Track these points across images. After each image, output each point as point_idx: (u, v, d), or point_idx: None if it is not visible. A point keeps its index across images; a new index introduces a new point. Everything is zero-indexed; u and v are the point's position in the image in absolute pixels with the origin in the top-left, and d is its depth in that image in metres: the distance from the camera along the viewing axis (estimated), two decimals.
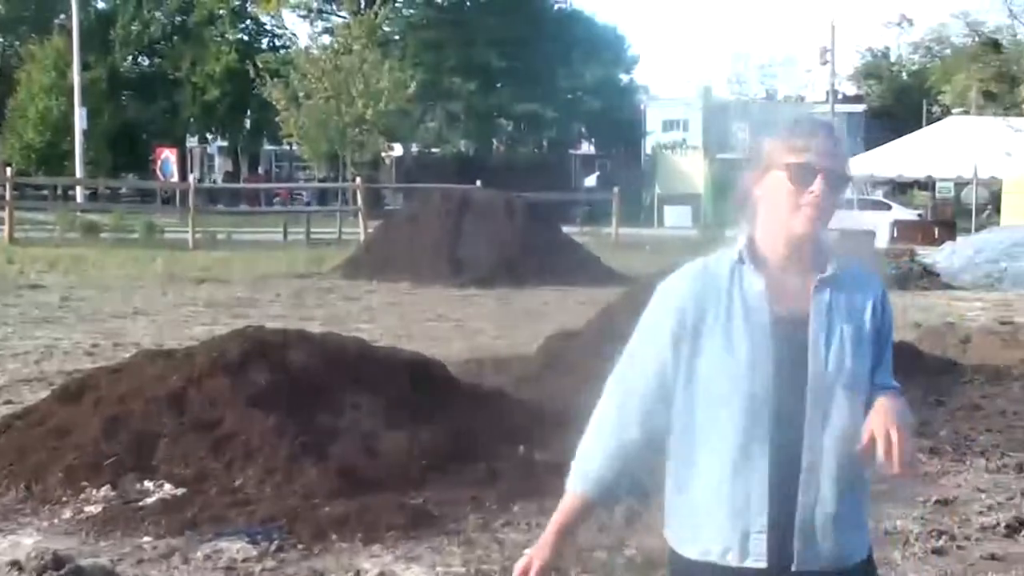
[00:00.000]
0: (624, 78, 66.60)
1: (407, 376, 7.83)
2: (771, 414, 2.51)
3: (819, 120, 2.66)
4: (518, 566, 2.72)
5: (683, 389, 2.57)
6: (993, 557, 5.89)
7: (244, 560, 5.67)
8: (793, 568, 2.57)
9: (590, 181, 64.52)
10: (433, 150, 61.53)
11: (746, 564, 2.56)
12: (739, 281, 2.57)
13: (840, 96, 63.06)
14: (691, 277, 2.60)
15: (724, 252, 2.63)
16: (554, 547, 2.69)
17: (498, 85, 60.17)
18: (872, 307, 2.66)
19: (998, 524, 6.33)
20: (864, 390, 2.58)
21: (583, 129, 65.63)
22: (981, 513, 6.58)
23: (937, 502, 6.84)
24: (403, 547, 5.89)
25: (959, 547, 6.05)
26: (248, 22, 63.71)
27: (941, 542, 6.08)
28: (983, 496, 6.99)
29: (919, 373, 10.15)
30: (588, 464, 2.65)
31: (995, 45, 64.69)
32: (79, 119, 46.67)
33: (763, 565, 2.55)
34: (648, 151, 64.97)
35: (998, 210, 32.04)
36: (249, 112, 60.27)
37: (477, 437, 7.36)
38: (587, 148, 70.50)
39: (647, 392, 2.60)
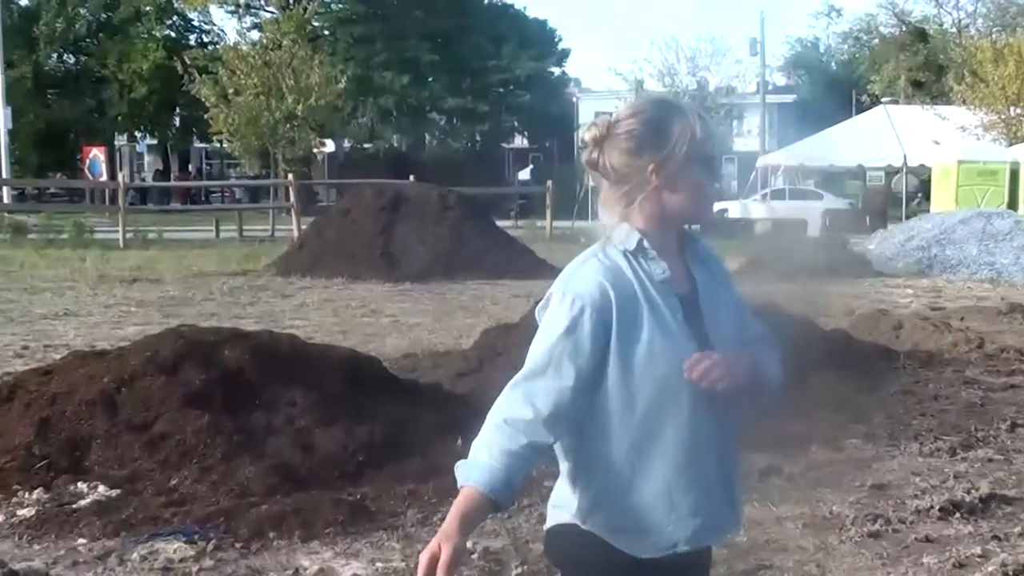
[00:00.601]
0: (556, 71, 66.76)
1: (342, 372, 7.79)
2: (705, 392, 2.55)
3: (698, 107, 2.71)
4: (423, 559, 2.48)
5: (622, 386, 2.54)
6: (928, 539, 5.96)
7: (181, 560, 5.61)
8: (728, 535, 2.77)
9: (523, 175, 64.53)
10: (365, 146, 61.23)
11: (709, 542, 2.65)
12: (642, 270, 2.58)
13: (770, 87, 63.51)
14: (597, 272, 2.56)
15: (606, 244, 2.62)
16: (461, 537, 2.49)
17: (429, 79, 60.04)
18: (725, 270, 2.78)
19: (932, 507, 6.41)
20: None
21: (516, 123, 65.65)
22: (915, 496, 6.65)
23: (872, 487, 6.92)
24: (342, 543, 5.87)
25: (894, 530, 6.12)
26: (175, 18, 63.04)
27: (877, 526, 6.14)
28: (917, 480, 7.07)
29: (852, 360, 10.25)
30: (496, 461, 2.50)
31: (922, 34, 65.66)
32: (3, 119, 45.84)
33: (729, 534, 2.74)
34: (581, 144, 65.06)
35: (927, 197, 32.44)
36: (178, 109, 59.69)
37: (414, 432, 7.34)
38: (520, 142, 70.53)
39: (563, 398, 2.53)
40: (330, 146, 57.86)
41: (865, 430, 8.31)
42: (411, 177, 32.80)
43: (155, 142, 67.50)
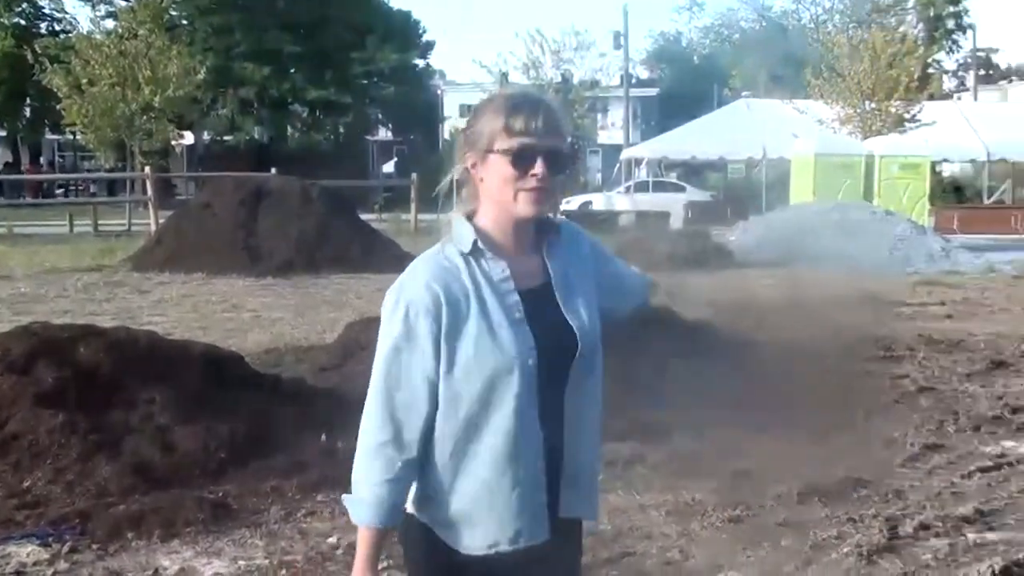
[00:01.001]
0: (420, 63, 66.59)
1: (203, 369, 7.67)
2: (538, 384, 2.53)
3: (538, 98, 2.60)
4: None
5: (446, 385, 2.51)
6: (786, 523, 6.09)
7: (35, 564, 5.46)
8: (560, 515, 2.65)
9: (388, 167, 64.38)
10: (226, 138, 60.40)
11: (533, 542, 2.58)
12: (478, 268, 2.55)
13: (634, 80, 64.20)
14: (429, 275, 2.53)
15: (446, 243, 2.60)
16: None
17: (291, 71, 59.42)
18: (587, 253, 2.76)
19: (791, 492, 6.54)
20: (599, 337, 2.67)
21: (380, 115, 65.35)
22: (775, 482, 6.76)
23: (734, 473, 7.02)
24: (203, 542, 5.77)
25: (754, 515, 6.24)
26: (25, 5, 61.18)
27: (737, 511, 6.26)
28: (776, 466, 7.18)
29: (715, 349, 10.39)
30: (380, 495, 2.53)
31: (781, 29, 67.02)
32: None
33: (548, 537, 2.60)
34: (446, 136, 65.08)
35: (787, 190, 33.04)
36: (28, 100, 58.00)
37: (277, 428, 7.26)
38: (384, 134, 70.27)
39: (420, 404, 2.52)
40: (189, 138, 56.90)
41: (726, 418, 8.41)
42: (273, 170, 32.41)
43: (4, 134, 65.45)
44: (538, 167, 2.51)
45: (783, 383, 9.75)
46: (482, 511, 2.56)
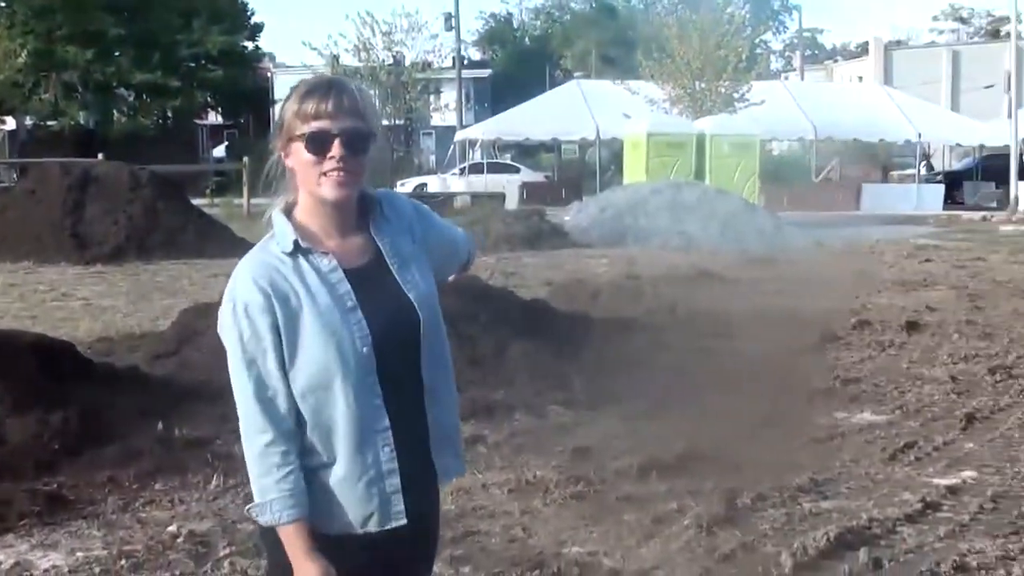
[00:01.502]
0: (249, 46, 65.48)
1: (33, 358, 7.45)
2: (378, 364, 2.53)
3: (331, 80, 2.60)
4: None
5: (292, 379, 2.51)
6: (628, 498, 6.17)
7: None
8: (441, 480, 2.74)
9: (219, 151, 63.30)
10: (49, 123, 58.54)
11: (386, 527, 2.59)
12: (305, 262, 2.55)
13: (466, 62, 64.19)
14: (254, 273, 2.52)
15: (269, 240, 2.59)
16: (321, 564, 2.51)
17: (116, 54, 57.86)
18: (412, 215, 2.75)
19: (631, 467, 6.63)
20: (437, 298, 2.70)
21: (208, 98, 64.06)
22: (615, 458, 6.86)
23: (574, 450, 7.11)
24: (39, 535, 5.63)
25: (596, 491, 6.31)
26: None
27: (579, 488, 6.33)
28: (617, 442, 7.30)
29: (552, 328, 10.49)
30: (287, 488, 2.50)
31: (611, 11, 67.81)
32: None
33: (404, 522, 2.60)
34: (277, 119, 64.19)
35: (620, 169, 33.47)
36: None
37: (112, 417, 7.11)
38: (214, 118, 68.95)
39: (285, 394, 2.51)
40: (10, 123, 55.21)
41: (566, 396, 8.52)
42: (100, 155, 31.60)
43: None
44: (335, 149, 2.51)
45: (620, 360, 9.91)
46: (339, 498, 2.56)
